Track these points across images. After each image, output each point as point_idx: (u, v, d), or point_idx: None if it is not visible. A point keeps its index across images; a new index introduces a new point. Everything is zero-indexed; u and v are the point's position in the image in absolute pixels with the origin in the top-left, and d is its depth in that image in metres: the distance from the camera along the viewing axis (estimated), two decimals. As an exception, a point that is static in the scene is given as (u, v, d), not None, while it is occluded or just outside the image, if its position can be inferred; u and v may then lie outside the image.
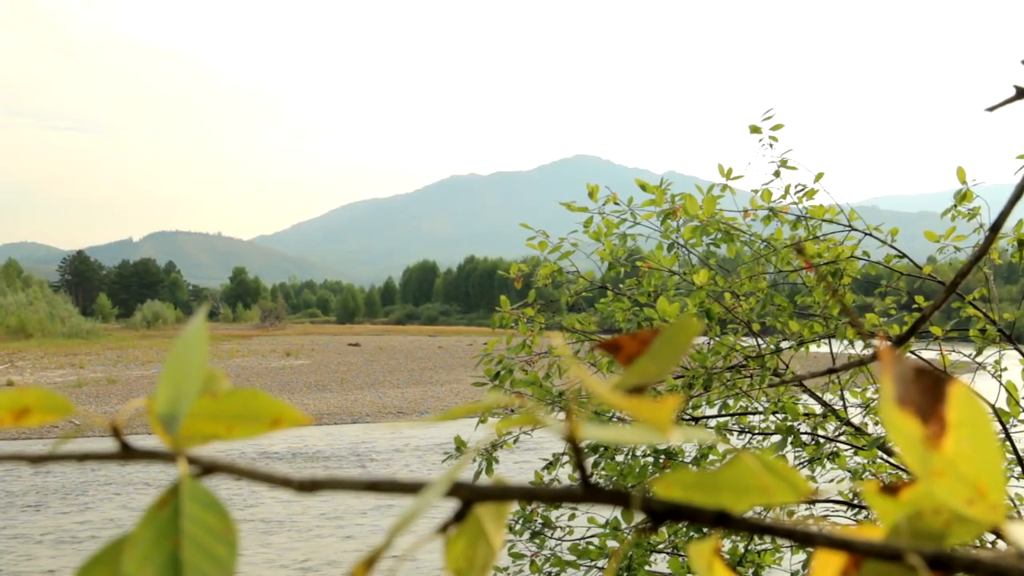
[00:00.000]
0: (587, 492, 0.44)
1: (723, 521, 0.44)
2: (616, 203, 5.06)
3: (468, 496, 0.44)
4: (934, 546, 0.46)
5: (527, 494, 0.44)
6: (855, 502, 4.75)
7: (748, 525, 0.44)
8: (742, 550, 4.85)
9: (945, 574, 0.45)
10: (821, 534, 0.44)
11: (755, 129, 5.08)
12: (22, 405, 0.42)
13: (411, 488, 0.43)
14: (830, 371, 3.21)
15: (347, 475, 0.43)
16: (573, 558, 4.83)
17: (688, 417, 5.04)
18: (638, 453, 5.02)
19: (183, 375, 0.43)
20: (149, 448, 0.43)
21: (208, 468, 0.43)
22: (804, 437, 4.76)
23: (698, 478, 0.44)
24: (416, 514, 0.40)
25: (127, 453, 0.43)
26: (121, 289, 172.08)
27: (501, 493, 0.44)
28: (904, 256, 4.98)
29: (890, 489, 0.48)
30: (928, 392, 0.44)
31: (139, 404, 0.44)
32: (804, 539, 0.44)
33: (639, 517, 0.43)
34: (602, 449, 4.94)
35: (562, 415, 0.45)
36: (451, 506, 0.46)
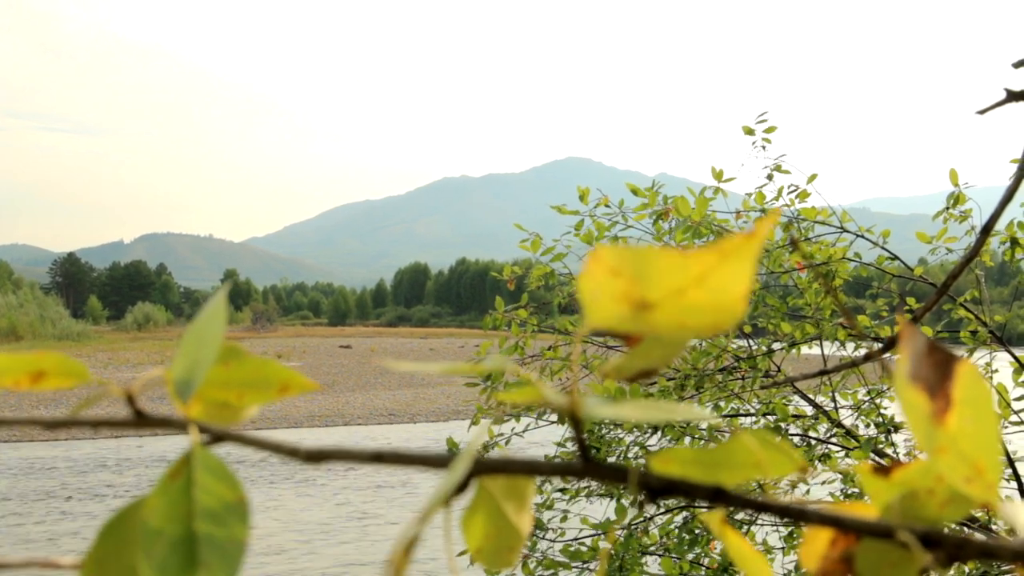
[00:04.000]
0: (586, 467, 0.45)
1: (720, 497, 0.45)
2: (607, 206, 5.07)
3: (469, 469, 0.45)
4: (926, 525, 0.46)
5: (528, 467, 0.45)
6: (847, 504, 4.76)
7: (744, 501, 0.45)
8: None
9: (937, 553, 0.46)
10: (814, 511, 0.45)
11: (748, 131, 5.10)
12: (38, 368, 0.43)
13: (415, 460, 0.44)
14: (821, 373, 3.22)
15: (353, 446, 0.44)
16: (565, 560, 4.83)
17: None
18: (631, 455, 5.03)
19: (200, 345, 0.44)
20: (161, 416, 0.44)
21: (218, 436, 0.44)
22: (795, 439, 4.77)
23: (695, 454, 0.45)
24: (443, 496, 0.40)
25: (140, 420, 0.44)
26: (112, 291, 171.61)
27: (501, 466, 0.45)
28: (896, 258, 4.99)
29: (882, 469, 0.49)
30: (938, 369, 0.45)
31: (156, 374, 0.45)
32: (798, 516, 0.45)
33: (633, 514, 0.44)
34: (594, 451, 4.94)
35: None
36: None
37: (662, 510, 4.88)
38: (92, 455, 23.47)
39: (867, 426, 4.85)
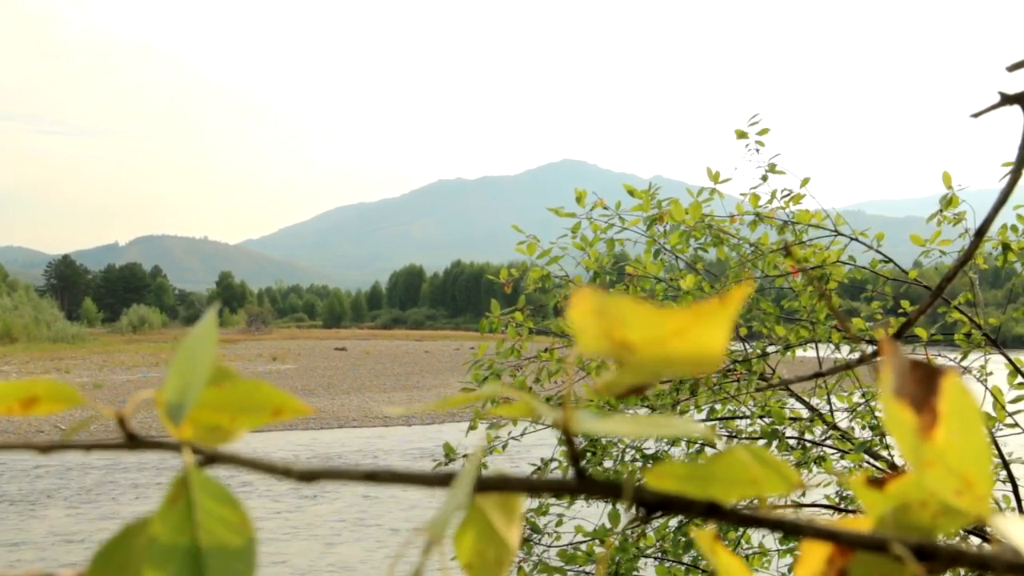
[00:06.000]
0: (581, 483, 0.45)
1: (714, 512, 0.45)
2: (604, 207, 5.07)
3: (464, 486, 0.45)
4: (921, 537, 0.46)
5: (524, 485, 0.45)
6: (841, 506, 4.77)
7: (738, 516, 0.45)
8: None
9: (931, 565, 0.46)
10: (808, 525, 0.45)
11: (741, 134, 5.10)
12: (30, 394, 0.43)
13: (408, 479, 0.44)
14: (816, 375, 3.22)
15: (346, 465, 0.44)
16: (561, 564, 4.83)
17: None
18: (627, 458, 5.03)
19: (192, 367, 0.44)
20: (154, 438, 0.44)
21: (211, 458, 0.44)
22: (791, 441, 4.78)
23: (689, 469, 0.45)
24: (446, 519, 0.40)
25: (133, 443, 0.44)
26: (107, 293, 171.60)
27: (497, 483, 0.45)
28: (890, 261, 5.00)
29: (876, 482, 0.49)
30: (923, 383, 0.45)
31: (147, 396, 0.45)
32: (792, 530, 0.45)
33: (627, 519, 0.44)
34: (589, 455, 4.94)
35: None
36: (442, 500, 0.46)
37: (658, 513, 4.88)
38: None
39: (863, 428, 4.86)
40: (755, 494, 0.45)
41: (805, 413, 5.02)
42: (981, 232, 1.81)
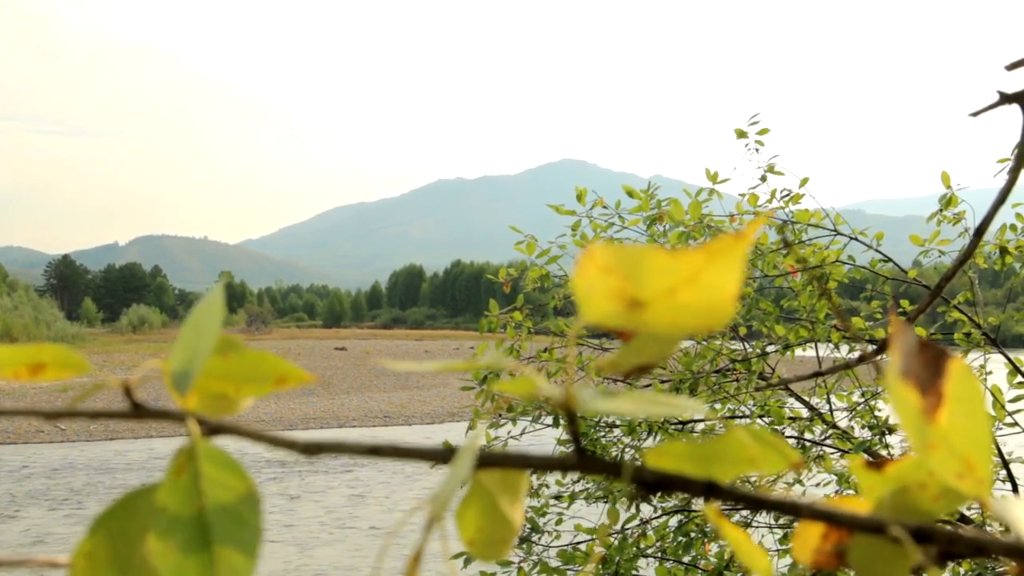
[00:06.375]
0: (581, 460, 0.45)
1: (713, 491, 0.45)
2: (604, 207, 5.07)
3: (465, 463, 0.45)
4: (919, 520, 0.47)
5: (523, 461, 0.45)
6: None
7: (736, 496, 0.45)
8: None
9: (928, 547, 0.46)
10: (807, 505, 0.45)
11: (741, 134, 5.10)
12: (38, 360, 0.43)
13: (412, 453, 0.44)
14: (816, 374, 3.22)
15: (350, 439, 0.44)
16: (560, 564, 4.82)
17: (675, 421, 5.05)
18: (627, 458, 5.03)
19: (198, 337, 0.44)
20: (159, 408, 0.44)
21: (215, 429, 0.44)
22: (790, 441, 4.77)
23: (689, 449, 0.45)
24: (448, 494, 0.41)
25: (138, 412, 0.44)
26: (107, 293, 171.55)
27: (498, 459, 0.45)
28: (889, 260, 5.00)
29: (875, 464, 0.50)
30: (929, 366, 0.45)
31: (154, 365, 0.45)
32: (790, 510, 0.45)
33: (627, 516, 0.45)
34: (590, 454, 4.94)
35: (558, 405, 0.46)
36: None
37: (658, 513, 4.88)
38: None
39: (862, 428, 4.85)
40: (754, 472, 0.46)
41: (805, 413, 5.02)
42: (980, 231, 1.81)
